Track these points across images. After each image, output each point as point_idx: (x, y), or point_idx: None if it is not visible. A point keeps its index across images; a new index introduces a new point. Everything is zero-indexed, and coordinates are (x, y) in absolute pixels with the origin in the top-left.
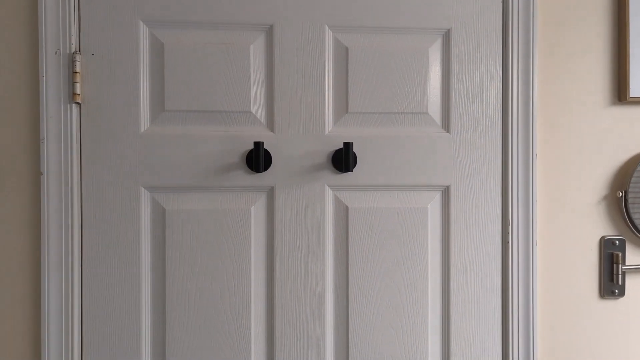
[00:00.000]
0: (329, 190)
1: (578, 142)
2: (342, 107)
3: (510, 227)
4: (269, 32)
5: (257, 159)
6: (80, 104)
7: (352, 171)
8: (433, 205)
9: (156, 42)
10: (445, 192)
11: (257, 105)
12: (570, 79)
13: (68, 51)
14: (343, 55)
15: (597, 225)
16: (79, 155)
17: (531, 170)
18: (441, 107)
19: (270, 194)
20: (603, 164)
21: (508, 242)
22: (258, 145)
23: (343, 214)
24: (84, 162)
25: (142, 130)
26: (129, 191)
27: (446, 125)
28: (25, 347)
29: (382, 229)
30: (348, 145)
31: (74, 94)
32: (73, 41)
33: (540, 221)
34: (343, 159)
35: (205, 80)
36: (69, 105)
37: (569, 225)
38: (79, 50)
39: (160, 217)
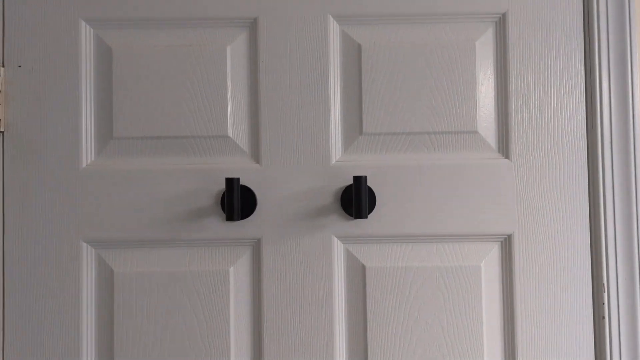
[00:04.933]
0: (338, 242)
1: None
2: (355, 126)
3: (606, 295)
4: (252, 27)
5: (231, 201)
6: (2, 132)
7: (366, 217)
8: (488, 262)
9: (102, 46)
10: (506, 244)
11: (237, 128)
12: None
13: None
14: (354, 56)
15: None
16: (0, 200)
17: (636, 212)
18: (497, 123)
19: (256, 249)
20: None
21: (603, 318)
22: (231, 183)
23: (358, 275)
24: (6, 209)
25: (84, 165)
26: (66, 247)
27: (504, 148)
28: None
29: (414, 297)
30: (360, 181)
31: None
32: None
33: None
34: (354, 200)
35: (167, 96)
36: None
37: None
38: (2, 62)
39: (107, 283)
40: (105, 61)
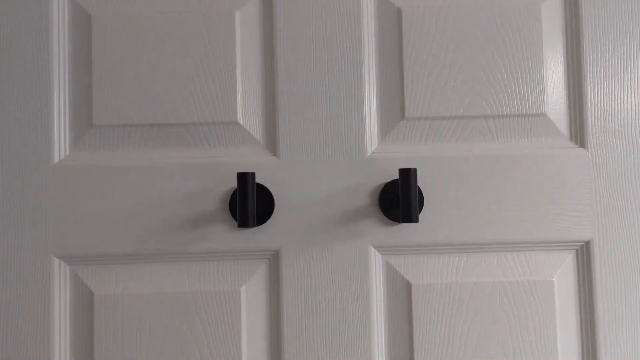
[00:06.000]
0: (376, 254)
1: None
2: (394, 109)
3: None
4: None
5: (244, 202)
6: None
7: (416, 221)
8: (562, 275)
9: (79, 12)
10: (583, 253)
11: (248, 113)
12: None
13: None
14: (393, 23)
15: None
16: None
17: None
18: (568, 104)
19: (274, 263)
20: None
21: None
22: (245, 178)
23: (402, 295)
24: None
25: (57, 161)
26: (33, 264)
27: (578, 135)
28: None
29: (472, 320)
30: (408, 175)
31: None
32: None
33: None
34: (401, 200)
35: (160, 73)
36: None
37: None
38: None
39: (85, 308)
40: (84, 31)
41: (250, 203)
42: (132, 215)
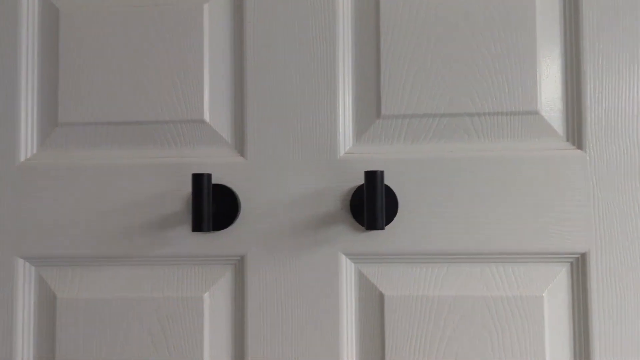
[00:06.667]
0: (348, 262)
1: None
2: (370, 107)
3: None
4: None
5: (199, 205)
6: None
7: (382, 228)
8: (554, 291)
9: (47, 6)
10: (578, 267)
11: (215, 110)
12: None
13: None
14: (369, 13)
15: None
16: None
17: None
18: (564, 101)
19: (239, 269)
20: None
21: None
22: (200, 180)
23: (374, 307)
24: None
25: (23, 159)
26: None
27: (575, 135)
28: None
29: (450, 338)
30: (374, 178)
31: None
32: None
33: None
34: (366, 205)
35: (126, 69)
36: None
37: None
38: None
39: (48, 311)
40: (51, 25)
41: (205, 206)
42: (97, 216)
